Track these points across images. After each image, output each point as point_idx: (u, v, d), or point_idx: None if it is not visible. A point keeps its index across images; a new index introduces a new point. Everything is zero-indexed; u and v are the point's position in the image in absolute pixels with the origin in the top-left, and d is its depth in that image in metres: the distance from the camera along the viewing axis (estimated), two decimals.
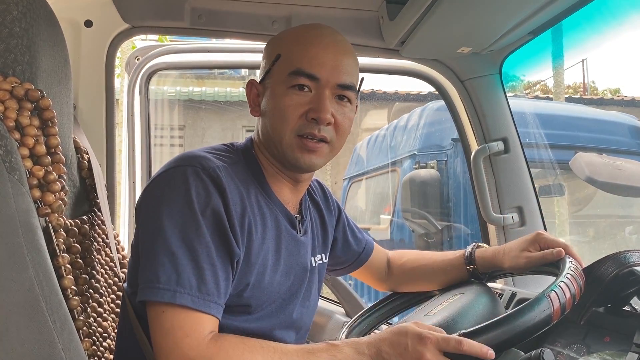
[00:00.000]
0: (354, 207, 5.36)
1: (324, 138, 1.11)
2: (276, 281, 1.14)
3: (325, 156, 1.14)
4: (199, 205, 1.01)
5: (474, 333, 0.92)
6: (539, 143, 3.55)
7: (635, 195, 3.32)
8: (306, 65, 1.09)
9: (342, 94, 1.12)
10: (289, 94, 1.10)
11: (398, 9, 1.55)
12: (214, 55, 2.07)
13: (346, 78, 1.12)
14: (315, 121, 1.09)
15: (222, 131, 7.28)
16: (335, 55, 1.11)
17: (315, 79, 1.09)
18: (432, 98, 4.85)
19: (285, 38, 1.16)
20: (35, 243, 0.82)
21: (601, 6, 3.50)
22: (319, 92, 1.10)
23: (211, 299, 0.98)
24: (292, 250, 1.18)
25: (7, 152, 0.82)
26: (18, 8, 0.91)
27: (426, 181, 3.92)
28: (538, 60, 4.60)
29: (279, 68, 1.13)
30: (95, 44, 1.73)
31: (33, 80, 0.93)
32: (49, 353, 0.79)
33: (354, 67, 1.15)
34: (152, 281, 0.97)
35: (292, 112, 1.09)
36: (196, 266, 0.98)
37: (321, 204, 1.36)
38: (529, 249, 1.25)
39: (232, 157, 1.14)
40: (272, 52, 1.15)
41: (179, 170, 1.05)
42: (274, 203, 1.16)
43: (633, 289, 1.15)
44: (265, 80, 1.16)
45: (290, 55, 1.11)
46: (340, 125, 1.13)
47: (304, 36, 1.14)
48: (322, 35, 1.13)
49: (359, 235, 1.48)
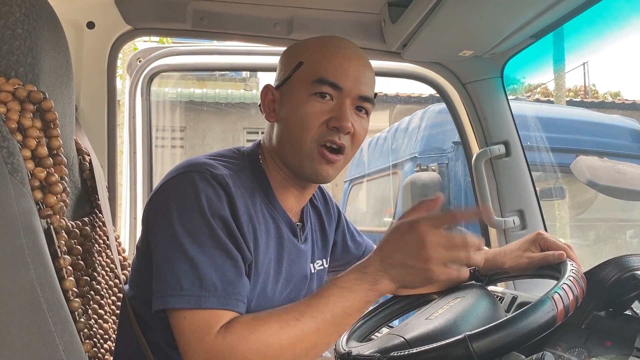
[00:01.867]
0: (355, 209, 5.35)
1: (343, 147, 1.11)
2: (278, 290, 1.14)
3: (339, 168, 1.15)
4: (210, 210, 1.00)
5: (480, 335, 0.92)
6: (540, 146, 3.55)
7: (636, 199, 3.31)
8: (330, 75, 1.10)
9: (361, 105, 1.14)
10: (310, 101, 1.10)
11: (400, 11, 1.55)
12: (216, 57, 2.08)
13: (367, 90, 1.13)
14: (336, 129, 1.10)
15: (222, 133, 7.28)
16: (358, 67, 1.13)
17: (338, 89, 1.10)
18: (434, 101, 4.85)
19: (308, 46, 1.16)
20: (36, 245, 0.82)
21: (603, 10, 3.50)
22: (340, 102, 1.11)
23: (237, 297, 0.98)
24: (294, 259, 1.18)
25: (9, 154, 0.82)
26: (21, 10, 0.91)
27: (427, 184, 3.91)
28: (539, 63, 4.60)
29: (300, 75, 1.13)
30: (97, 46, 1.73)
31: (35, 82, 0.93)
32: (49, 355, 0.79)
33: (373, 81, 1.17)
34: (174, 289, 0.96)
35: (313, 119, 1.10)
36: (217, 268, 0.97)
37: (321, 209, 1.36)
38: (530, 249, 1.26)
39: (238, 164, 1.14)
40: (293, 59, 1.15)
41: (187, 176, 1.04)
42: (277, 211, 1.16)
43: (634, 293, 1.15)
44: (283, 86, 1.16)
45: (313, 64, 1.12)
46: (357, 136, 1.14)
47: (328, 46, 1.15)
48: (346, 47, 1.15)
49: (359, 238, 1.47)
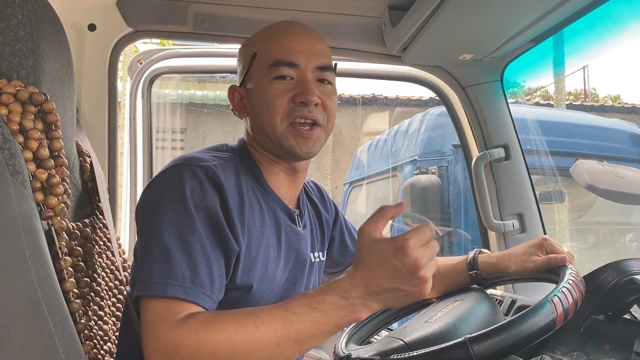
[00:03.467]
0: (354, 211, 5.35)
1: (316, 120, 1.13)
2: (278, 274, 1.15)
3: (320, 140, 1.16)
4: (193, 200, 1.01)
5: (480, 337, 0.92)
6: (539, 150, 3.55)
7: (636, 203, 3.31)
8: (284, 55, 1.13)
9: (322, 77, 1.16)
10: (272, 85, 1.13)
11: (400, 15, 1.55)
12: (216, 59, 2.08)
13: (323, 60, 1.16)
14: (303, 104, 1.12)
15: (223, 134, 7.28)
16: (308, 40, 1.16)
17: (295, 66, 1.13)
18: (433, 104, 4.85)
19: (257, 37, 1.21)
20: (37, 246, 0.82)
21: (603, 14, 3.51)
22: (301, 77, 1.13)
23: (205, 292, 0.96)
24: (293, 241, 1.19)
25: (11, 155, 0.83)
26: (23, 12, 0.91)
27: (427, 187, 3.91)
28: (539, 67, 4.61)
29: (257, 65, 1.16)
30: (98, 48, 1.73)
31: (37, 84, 0.94)
32: (50, 356, 0.79)
33: (327, 50, 1.20)
34: (145, 277, 0.95)
35: (279, 100, 1.12)
36: (189, 259, 0.97)
37: (318, 204, 1.37)
38: (536, 254, 1.25)
39: (229, 155, 1.16)
40: (247, 53, 1.19)
41: (175, 169, 1.06)
42: (272, 198, 1.17)
43: (633, 297, 1.15)
44: (245, 81, 1.20)
45: (266, 51, 1.15)
46: (327, 106, 1.16)
47: (275, 31, 1.18)
48: (291, 26, 1.19)
49: (356, 239, 1.47)
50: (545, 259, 1.21)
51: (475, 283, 1.36)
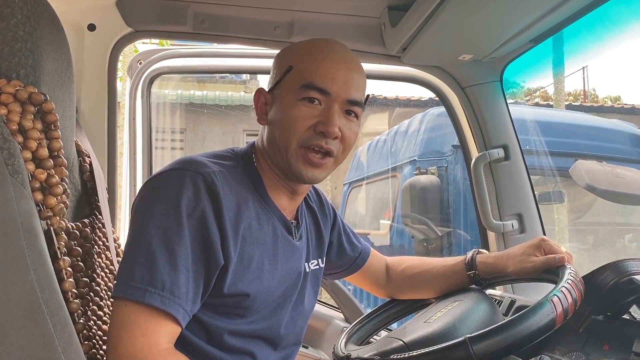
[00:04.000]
0: (354, 212, 5.35)
1: (330, 151, 1.12)
2: (273, 286, 1.15)
3: (328, 169, 1.16)
4: (187, 209, 1.01)
5: (480, 337, 0.92)
6: (539, 150, 3.55)
7: (635, 203, 3.32)
8: (318, 80, 1.11)
9: (350, 109, 1.14)
10: (298, 106, 1.11)
11: (400, 15, 1.55)
12: (216, 59, 2.08)
13: (356, 94, 1.14)
14: (322, 134, 1.10)
15: (222, 135, 7.29)
16: (347, 71, 1.13)
17: (326, 94, 1.11)
18: (433, 104, 4.86)
19: (297, 50, 1.17)
20: (36, 246, 0.82)
21: (602, 15, 3.51)
22: (328, 106, 1.11)
23: (180, 303, 0.98)
24: (288, 255, 1.19)
25: (10, 155, 0.82)
26: (22, 12, 0.91)
27: (426, 187, 3.91)
28: (539, 67, 4.61)
29: (290, 79, 1.14)
30: (98, 48, 1.73)
31: (36, 84, 0.94)
32: (49, 356, 0.79)
33: (363, 84, 1.17)
34: (126, 279, 0.97)
35: (300, 123, 1.11)
36: (172, 267, 0.98)
37: (316, 210, 1.37)
38: (535, 254, 1.25)
39: (232, 163, 1.16)
40: (284, 63, 1.16)
41: (175, 173, 1.06)
42: (271, 209, 1.17)
43: (632, 297, 1.15)
44: (274, 90, 1.17)
45: (302, 68, 1.13)
46: (346, 140, 1.15)
47: (317, 50, 1.15)
48: (335, 51, 1.15)
49: (355, 240, 1.48)
50: (544, 259, 1.21)
51: (473, 283, 1.36)
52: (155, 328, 0.95)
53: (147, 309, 0.95)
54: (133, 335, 0.94)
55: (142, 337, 0.94)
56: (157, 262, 0.97)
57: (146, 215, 1.02)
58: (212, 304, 1.08)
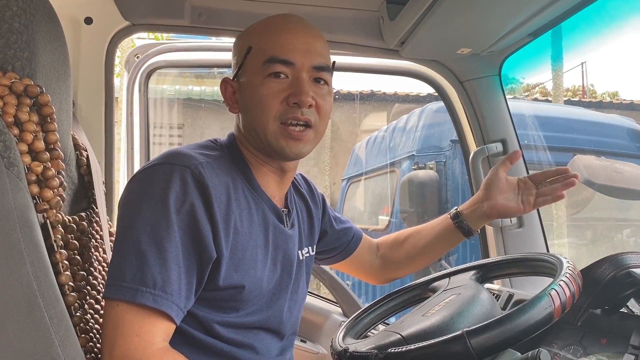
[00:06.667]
0: (352, 207, 5.36)
1: (308, 121, 1.11)
2: (266, 276, 1.14)
3: (311, 142, 1.14)
4: (175, 204, 1.00)
5: (478, 331, 0.92)
6: (537, 145, 3.55)
7: (633, 198, 3.32)
8: (279, 52, 1.10)
9: (319, 76, 1.13)
10: (266, 83, 1.10)
11: (398, 9, 1.55)
12: (214, 53, 2.08)
13: (320, 60, 1.13)
14: (297, 105, 1.09)
15: (220, 130, 7.28)
16: (306, 38, 1.12)
17: (290, 64, 1.10)
18: (432, 99, 4.86)
19: (253, 30, 1.17)
20: (33, 239, 0.82)
21: (601, 9, 3.50)
22: (296, 77, 1.10)
23: (173, 300, 0.97)
24: (280, 243, 1.18)
25: (6, 148, 0.82)
26: (18, 4, 0.90)
27: (425, 182, 3.92)
28: (537, 62, 4.61)
29: (252, 60, 1.13)
30: (95, 41, 1.72)
31: (32, 76, 0.93)
32: (45, 349, 0.79)
33: (325, 49, 1.16)
34: (118, 279, 0.96)
35: (272, 99, 1.10)
36: (163, 265, 0.97)
37: (307, 196, 1.36)
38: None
39: (217, 153, 1.14)
40: (242, 46, 1.16)
41: (161, 167, 1.04)
42: (261, 197, 1.16)
43: (630, 290, 1.15)
44: (239, 75, 1.16)
45: (261, 45, 1.12)
46: (321, 108, 1.13)
47: (272, 25, 1.14)
48: (290, 22, 1.15)
49: (345, 224, 1.49)
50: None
51: (465, 235, 1.42)
52: (149, 327, 0.95)
53: (140, 309, 0.95)
54: (127, 336, 0.93)
55: (136, 337, 0.94)
56: (147, 260, 0.96)
57: (134, 212, 1.00)
58: (207, 299, 1.07)
